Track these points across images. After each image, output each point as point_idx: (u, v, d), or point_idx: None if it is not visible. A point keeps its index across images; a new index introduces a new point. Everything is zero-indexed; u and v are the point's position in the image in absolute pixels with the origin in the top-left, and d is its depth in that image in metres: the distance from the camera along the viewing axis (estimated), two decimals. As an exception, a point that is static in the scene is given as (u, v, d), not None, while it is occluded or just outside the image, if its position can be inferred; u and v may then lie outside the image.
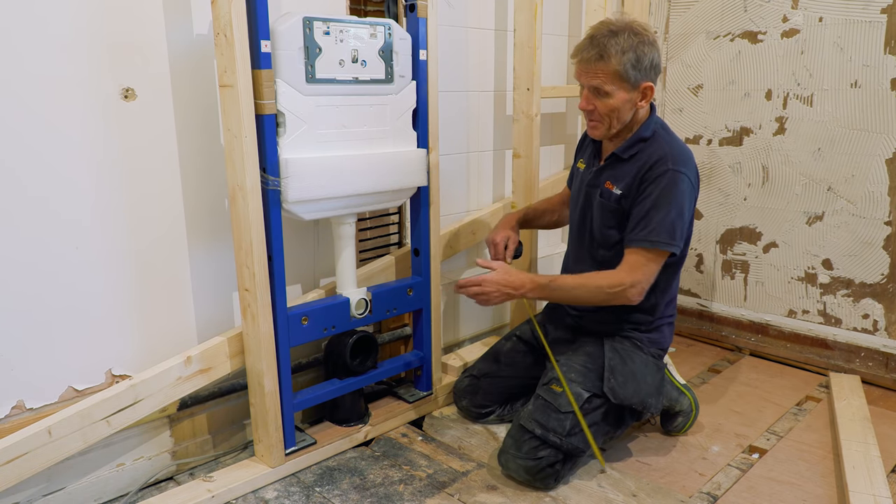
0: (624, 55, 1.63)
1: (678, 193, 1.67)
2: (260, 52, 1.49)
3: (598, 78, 1.66)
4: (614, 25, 1.66)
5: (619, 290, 1.68)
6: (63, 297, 1.52)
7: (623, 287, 1.67)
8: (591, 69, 1.66)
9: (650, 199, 1.68)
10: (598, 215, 1.81)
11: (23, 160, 1.42)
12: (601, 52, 1.64)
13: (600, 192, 1.79)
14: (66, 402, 1.55)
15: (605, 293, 1.69)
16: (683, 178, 1.69)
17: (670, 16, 2.65)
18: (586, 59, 1.67)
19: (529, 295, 1.74)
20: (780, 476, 1.77)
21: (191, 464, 1.79)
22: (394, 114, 1.80)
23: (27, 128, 1.42)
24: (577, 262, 1.92)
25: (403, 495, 1.68)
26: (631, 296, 1.68)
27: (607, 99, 1.68)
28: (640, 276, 1.68)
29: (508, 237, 1.97)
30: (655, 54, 1.68)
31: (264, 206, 1.58)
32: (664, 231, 1.66)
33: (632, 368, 1.76)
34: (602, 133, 1.76)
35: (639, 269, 1.68)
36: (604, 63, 1.64)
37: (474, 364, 2.09)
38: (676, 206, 1.67)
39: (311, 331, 1.75)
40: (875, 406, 2.13)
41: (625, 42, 1.63)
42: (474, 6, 2.26)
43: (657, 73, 1.70)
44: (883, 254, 2.27)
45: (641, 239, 1.68)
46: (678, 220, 1.67)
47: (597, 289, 1.70)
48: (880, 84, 2.19)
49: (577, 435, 1.67)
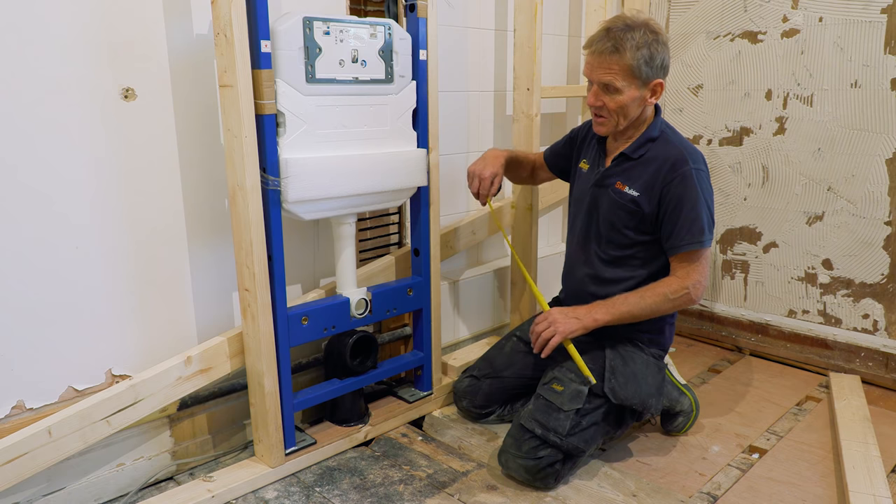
0: (638, 51, 1.63)
1: (704, 190, 1.72)
2: (260, 52, 1.49)
3: (610, 72, 1.66)
4: (630, 20, 1.66)
5: (683, 294, 1.71)
6: (63, 297, 1.52)
7: (687, 291, 1.71)
8: (605, 62, 1.66)
9: (683, 202, 1.70)
10: (609, 215, 1.80)
11: (23, 160, 1.42)
12: (616, 45, 1.63)
13: (612, 192, 1.79)
14: (66, 401, 1.55)
15: (671, 301, 1.72)
16: (703, 174, 1.74)
17: (670, 16, 2.65)
18: (600, 50, 1.66)
19: (600, 317, 1.72)
20: (780, 476, 1.77)
21: (191, 464, 1.79)
22: (394, 114, 1.80)
23: (27, 127, 1.42)
24: (584, 264, 1.89)
25: (403, 495, 1.68)
26: (695, 296, 1.72)
27: (617, 95, 1.68)
28: (697, 276, 1.72)
29: (496, 174, 1.92)
30: (667, 55, 1.69)
31: (264, 206, 1.58)
32: (705, 229, 1.71)
33: (633, 369, 1.76)
34: (608, 130, 1.76)
35: (694, 270, 1.72)
36: (618, 56, 1.64)
37: (474, 364, 2.09)
38: (704, 203, 1.72)
39: (311, 331, 1.75)
40: (875, 406, 2.13)
41: (640, 38, 1.63)
42: (474, 6, 2.26)
43: (666, 73, 1.70)
44: (883, 254, 2.27)
45: (689, 242, 1.70)
46: (707, 215, 1.73)
47: (664, 298, 1.72)
48: (880, 84, 2.19)
49: (578, 435, 1.67)
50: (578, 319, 1.73)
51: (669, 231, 1.73)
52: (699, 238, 1.70)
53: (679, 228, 1.71)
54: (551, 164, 2.08)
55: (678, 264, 1.74)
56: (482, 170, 1.92)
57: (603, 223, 1.82)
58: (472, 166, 1.95)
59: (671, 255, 1.75)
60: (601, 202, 1.82)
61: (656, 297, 1.72)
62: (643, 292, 1.73)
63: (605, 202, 1.81)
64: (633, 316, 1.74)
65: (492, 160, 1.95)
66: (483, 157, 1.97)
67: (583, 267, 1.90)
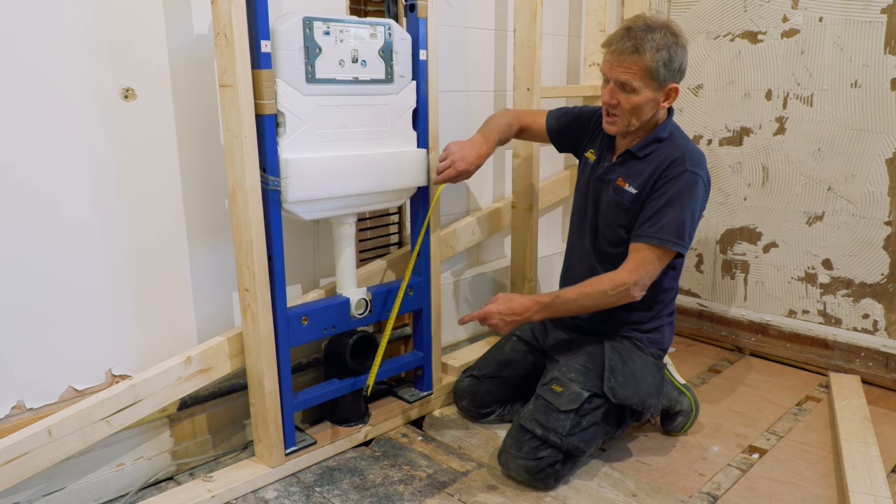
0: (658, 52, 1.62)
1: (692, 195, 1.68)
2: (260, 52, 1.49)
3: (629, 72, 1.64)
4: (651, 21, 1.65)
5: (622, 290, 1.68)
6: (63, 297, 1.52)
7: (626, 286, 1.68)
8: (625, 61, 1.64)
9: (664, 197, 1.68)
10: (607, 211, 1.80)
11: (23, 159, 1.42)
12: (637, 45, 1.62)
13: (612, 189, 1.78)
14: (66, 401, 1.55)
15: (609, 297, 1.69)
16: (699, 180, 1.70)
17: (670, 16, 2.65)
18: (620, 49, 1.64)
19: (536, 317, 1.74)
20: (780, 476, 1.77)
21: (191, 464, 1.79)
22: (394, 114, 1.80)
23: (27, 127, 1.42)
24: (580, 258, 1.90)
25: (403, 495, 1.68)
26: (634, 293, 1.69)
27: (633, 95, 1.66)
28: (642, 273, 1.68)
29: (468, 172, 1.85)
30: (685, 59, 1.67)
31: (264, 206, 1.58)
32: (674, 230, 1.67)
33: (632, 368, 1.76)
34: (619, 129, 1.75)
35: (642, 266, 1.68)
36: (638, 56, 1.62)
37: (474, 364, 2.09)
38: (689, 208, 1.68)
39: (311, 331, 1.75)
40: (875, 406, 2.13)
41: (660, 39, 1.62)
42: (474, 6, 2.26)
43: (682, 77, 1.69)
44: (883, 254, 2.27)
45: (650, 235, 1.68)
46: (689, 222, 1.68)
47: (601, 294, 1.70)
48: (880, 84, 2.19)
49: (578, 435, 1.67)
50: (515, 321, 1.75)
51: (641, 220, 1.71)
52: (664, 236, 1.66)
53: (649, 220, 1.69)
54: (556, 137, 2.02)
55: (631, 256, 1.71)
56: (461, 158, 1.83)
57: (601, 218, 1.82)
58: (456, 146, 1.86)
59: (632, 242, 1.72)
60: (602, 197, 1.82)
61: (596, 294, 1.70)
62: (585, 287, 1.72)
63: (605, 197, 1.81)
64: (575, 312, 1.76)
65: (476, 154, 1.86)
66: (471, 142, 1.88)
67: (580, 261, 1.90)
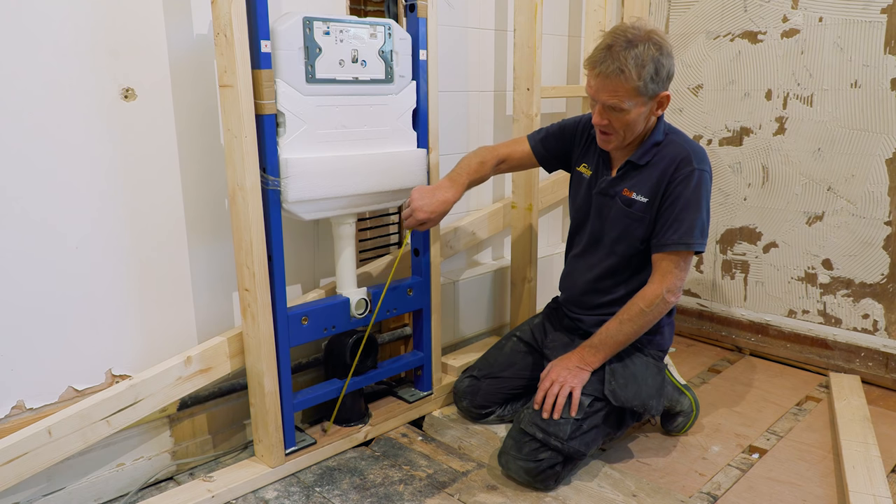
0: (643, 69, 1.56)
1: (704, 192, 1.69)
2: (260, 52, 1.49)
3: (616, 95, 1.59)
4: (632, 34, 1.57)
5: (658, 303, 1.69)
6: (63, 297, 1.52)
7: (660, 297, 1.68)
8: (609, 85, 1.58)
9: (681, 201, 1.67)
10: (617, 224, 1.77)
11: (23, 159, 1.42)
12: (620, 66, 1.55)
13: (620, 200, 1.75)
14: (66, 401, 1.55)
15: (648, 314, 1.70)
16: (706, 175, 1.71)
17: (670, 16, 2.65)
18: (605, 73, 1.57)
19: (594, 360, 1.73)
20: (780, 476, 1.77)
21: (191, 464, 1.79)
22: (394, 114, 1.80)
23: (27, 127, 1.42)
24: (587, 271, 1.88)
25: (403, 495, 1.68)
26: (670, 300, 1.69)
27: (624, 115, 1.62)
28: (672, 280, 1.69)
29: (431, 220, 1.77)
30: (672, 64, 1.62)
31: (264, 206, 1.58)
32: (697, 231, 1.67)
33: (632, 370, 1.76)
34: (615, 146, 1.73)
35: (670, 273, 1.69)
36: (623, 78, 1.56)
37: (474, 364, 2.08)
38: (704, 206, 1.69)
39: (311, 331, 1.75)
40: (875, 406, 2.13)
41: (644, 54, 1.55)
42: (474, 6, 2.26)
43: (671, 80, 1.66)
44: (883, 254, 2.27)
45: (675, 242, 1.67)
46: (706, 219, 1.70)
47: (639, 314, 1.70)
48: (880, 84, 2.19)
49: (578, 438, 1.67)
50: (582, 369, 1.72)
51: (663, 229, 1.70)
52: (689, 240, 1.67)
53: (671, 226, 1.68)
54: (545, 160, 1.97)
55: (658, 264, 1.71)
56: (419, 207, 1.75)
57: (609, 232, 1.80)
58: (417, 193, 1.77)
59: (655, 253, 1.71)
60: (607, 211, 1.79)
61: (635, 316, 1.70)
62: (623, 314, 1.71)
63: (612, 211, 1.78)
64: (624, 342, 1.73)
65: (438, 201, 1.77)
66: (434, 189, 1.79)
67: (585, 273, 1.88)
